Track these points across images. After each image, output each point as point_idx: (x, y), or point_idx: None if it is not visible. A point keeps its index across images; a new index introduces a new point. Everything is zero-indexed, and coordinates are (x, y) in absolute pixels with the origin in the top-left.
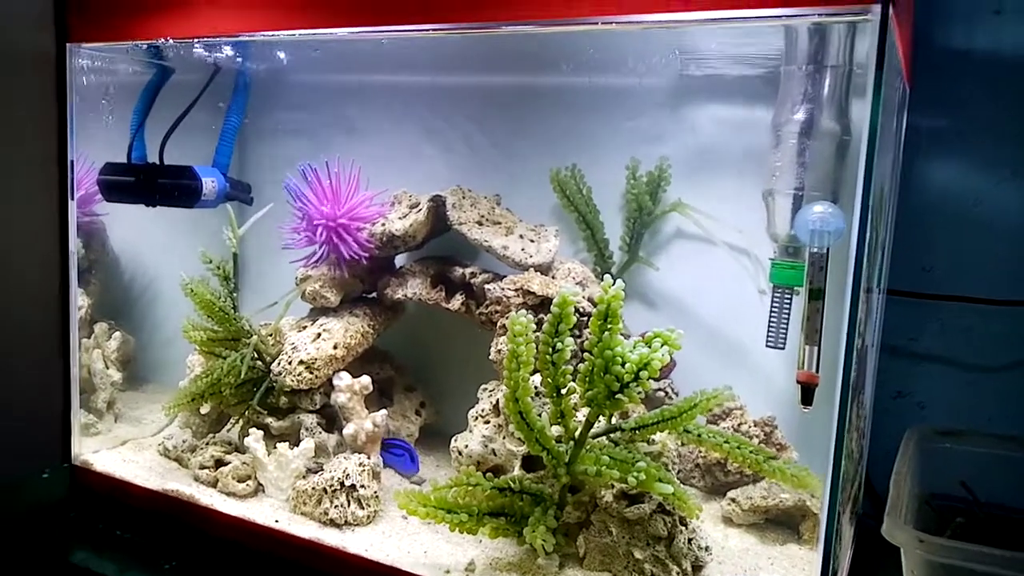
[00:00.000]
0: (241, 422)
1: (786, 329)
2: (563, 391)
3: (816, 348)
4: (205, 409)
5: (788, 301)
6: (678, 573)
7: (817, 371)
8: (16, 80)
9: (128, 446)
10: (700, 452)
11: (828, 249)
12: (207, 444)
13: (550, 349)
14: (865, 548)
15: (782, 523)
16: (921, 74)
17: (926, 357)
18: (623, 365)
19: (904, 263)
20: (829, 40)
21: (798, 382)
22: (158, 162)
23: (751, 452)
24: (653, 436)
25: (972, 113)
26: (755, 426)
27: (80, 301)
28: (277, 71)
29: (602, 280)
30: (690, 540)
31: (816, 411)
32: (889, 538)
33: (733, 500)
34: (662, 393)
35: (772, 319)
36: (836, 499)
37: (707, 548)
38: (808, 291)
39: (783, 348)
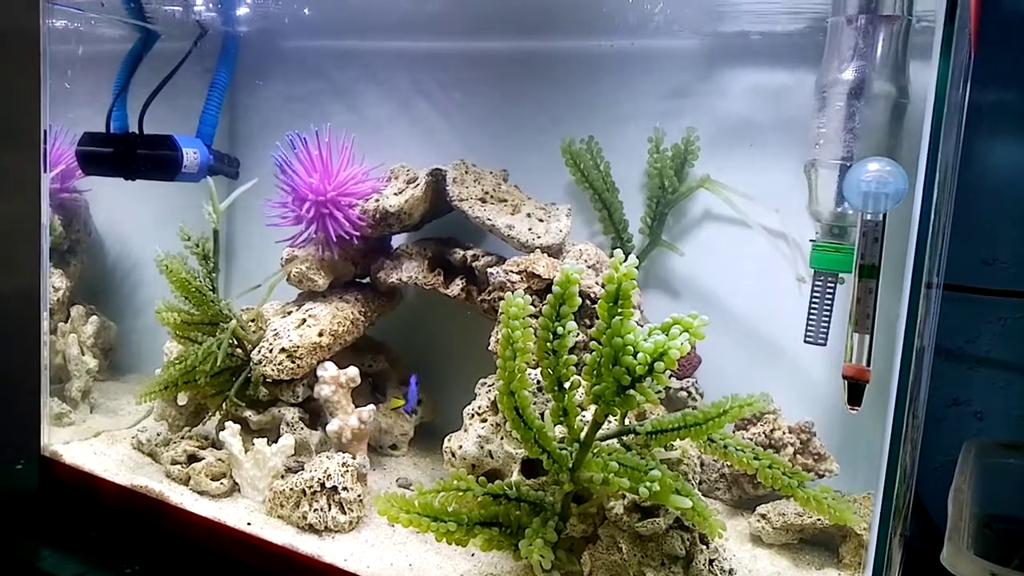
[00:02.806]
0: (218, 415)
1: (828, 322)
2: (566, 385)
3: (868, 337)
4: (183, 400)
5: (831, 290)
6: None
7: (868, 365)
8: None
9: (101, 438)
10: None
11: (885, 216)
12: (181, 438)
13: (550, 335)
14: (913, 574)
15: (819, 544)
16: (986, 42)
17: (985, 361)
18: (635, 355)
19: (962, 255)
20: None
21: (844, 377)
22: (137, 132)
23: (783, 473)
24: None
25: None
26: (790, 432)
27: (58, 283)
28: (268, 35)
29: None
30: (711, 561)
31: (864, 417)
32: (950, 568)
33: (763, 516)
34: (684, 393)
35: (812, 311)
36: (888, 523)
37: (731, 571)
38: (859, 268)
39: (824, 344)
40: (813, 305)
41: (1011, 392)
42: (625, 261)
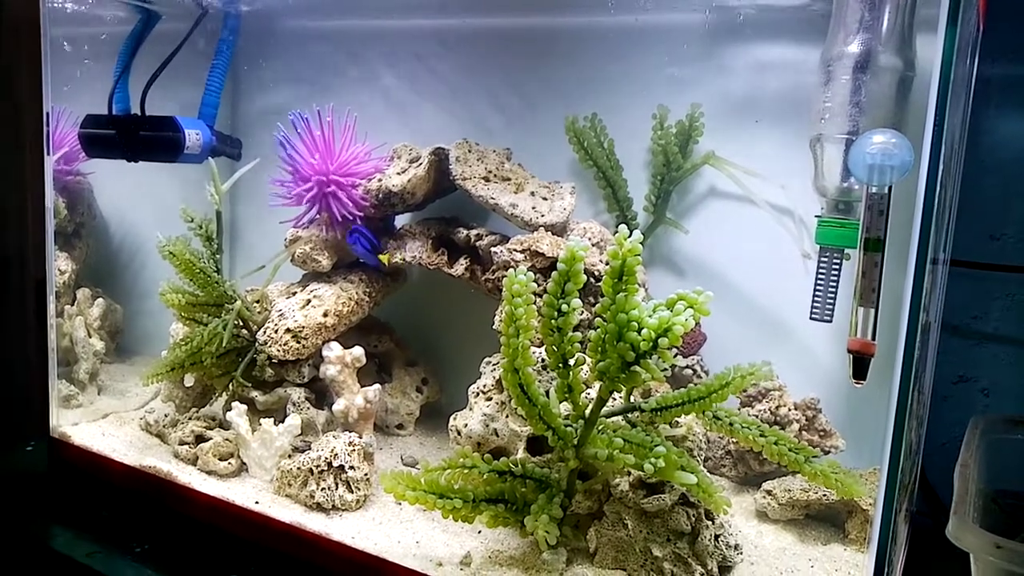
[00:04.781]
0: (225, 395)
1: (834, 299)
2: (571, 362)
3: (873, 311)
4: (189, 381)
5: (837, 266)
6: (702, 574)
7: (873, 339)
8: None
9: (109, 419)
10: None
11: (890, 189)
12: (188, 419)
13: (555, 312)
14: (919, 550)
15: (825, 519)
16: (995, 16)
17: (992, 337)
18: (639, 331)
19: (969, 231)
20: None
21: (849, 351)
22: (139, 113)
23: (790, 449)
24: (677, 419)
25: None
26: (795, 409)
27: (64, 266)
28: (270, 14)
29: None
30: (717, 537)
31: (869, 393)
32: (956, 541)
33: (769, 492)
34: (690, 371)
35: (818, 287)
36: (893, 498)
37: (737, 546)
38: (864, 241)
39: (830, 321)
40: (819, 281)
41: (1019, 368)
42: (630, 236)
